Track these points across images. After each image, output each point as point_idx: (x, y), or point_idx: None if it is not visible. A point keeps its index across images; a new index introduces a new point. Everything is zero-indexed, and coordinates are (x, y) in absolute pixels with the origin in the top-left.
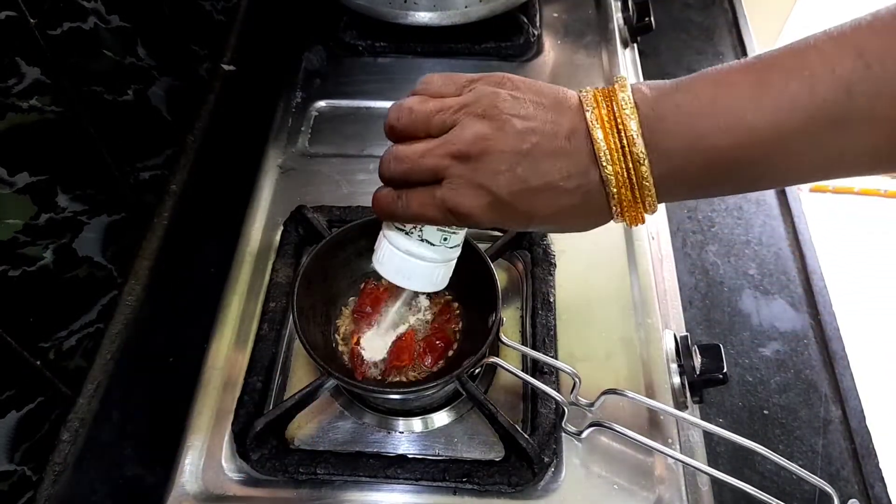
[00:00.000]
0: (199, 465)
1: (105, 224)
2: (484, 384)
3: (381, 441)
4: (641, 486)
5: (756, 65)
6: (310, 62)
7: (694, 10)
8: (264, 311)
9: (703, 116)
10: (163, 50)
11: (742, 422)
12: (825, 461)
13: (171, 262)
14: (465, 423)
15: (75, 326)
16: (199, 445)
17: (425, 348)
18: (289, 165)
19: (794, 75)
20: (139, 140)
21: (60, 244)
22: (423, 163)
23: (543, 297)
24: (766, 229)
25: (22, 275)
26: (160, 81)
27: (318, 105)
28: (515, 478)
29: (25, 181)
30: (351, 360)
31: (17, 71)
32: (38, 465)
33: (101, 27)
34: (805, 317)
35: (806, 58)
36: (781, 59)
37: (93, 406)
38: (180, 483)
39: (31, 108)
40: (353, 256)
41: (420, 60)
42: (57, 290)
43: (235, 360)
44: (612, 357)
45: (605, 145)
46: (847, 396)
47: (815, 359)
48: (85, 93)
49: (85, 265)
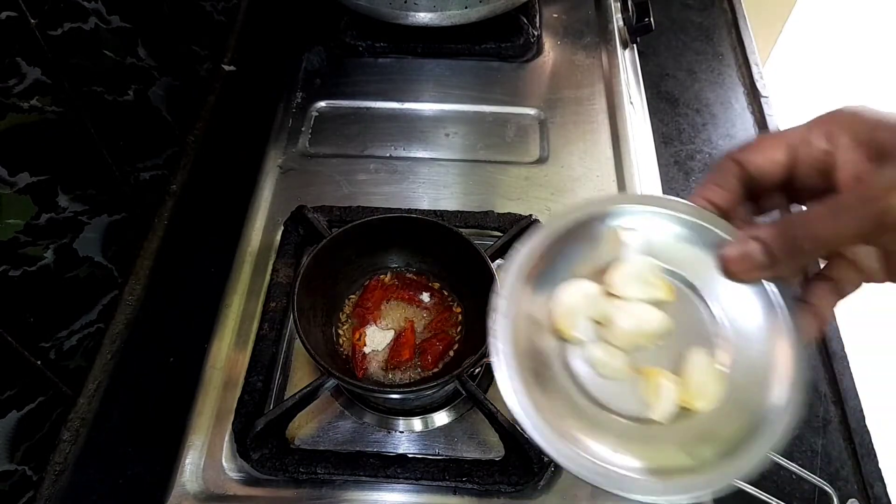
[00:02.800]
0: (199, 464)
1: (105, 224)
2: (484, 384)
3: (381, 440)
4: None
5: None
6: (310, 62)
7: (693, 11)
8: (265, 311)
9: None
10: (163, 50)
11: None
12: (824, 461)
13: (172, 262)
14: (466, 423)
15: (76, 326)
16: (199, 445)
17: (426, 348)
18: (289, 165)
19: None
20: (140, 140)
21: (61, 244)
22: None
23: None
24: None
25: (22, 275)
26: (160, 82)
27: (318, 105)
28: (515, 477)
29: (26, 181)
30: (351, 360)
31: (17, 71)
32: (38, 465)
33: (102, 27)
34: None
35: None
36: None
37: (93, 406)
38: (181, 482)
39: (32, 109)
40: (353, 256)
41: (420, 61)
42: (57, 290)
43: (236, 359)
44: None
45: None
46: (846, 396)
47: (815, 358)
48: (85, 93)
49: (85, 265)
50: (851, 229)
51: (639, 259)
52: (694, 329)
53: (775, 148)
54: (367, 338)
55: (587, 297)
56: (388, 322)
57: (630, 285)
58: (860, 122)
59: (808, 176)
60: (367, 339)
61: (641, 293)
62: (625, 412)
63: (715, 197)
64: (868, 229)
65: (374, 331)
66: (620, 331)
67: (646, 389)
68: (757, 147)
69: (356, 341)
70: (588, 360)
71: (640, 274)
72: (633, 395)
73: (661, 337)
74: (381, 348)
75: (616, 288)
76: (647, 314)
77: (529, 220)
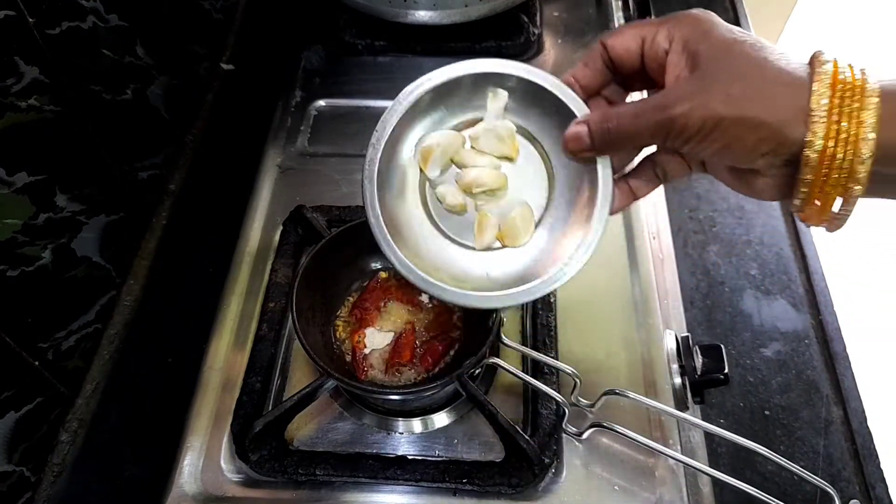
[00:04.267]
0: (198, 465)
1: (104, 224)
2: (484, 385)
3: (380, 442)
4: (642, 487)
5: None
6: (309, 61)
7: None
8: (263, 312)
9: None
10: (162, 49)
11: (743, 422)
12: (826, 462)
13: (170, 262)
14: (465, 424)
15: (74, 327)
16: (197, 446)
17: (426, 349)
18: (288, 165)
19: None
20: (138, 139)
21: (59, 244)
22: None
23: (544, 298)
24: (767, 229)
25: (20, 275)
26: (159, 81)
27: (317, 104)
28: (516, 479)
29: (24, 181)
30: (351, 361)
31: (15, 70)
32: (36, 466)
33: (100, 26)
34: (806, 317)
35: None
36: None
37: (91, 407)
38: (179, 484)
39: (30, 108)
40: (352, 256)
41: (420, 59)
42: (55, 291)
43: (234, 360)
44: (613, 357)
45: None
46: (848, 397)
47: (817, 359)
48: (84, 92)
49: (83, 265)
50: (645, 131)
51: (500, 120)
52: (530, 184)
53: (630, 38)
54: (367, 339)
55: (449, 145)
56: (388, 323)
57: (486, 141)
58: (695, 30)
59: (652, 69)
60: (367, 341)
61: (494, 149)
62: (458, 240)
63: (580, 75)
64: (656, 133)
65: (373, 332)
66: (467, 176)
67: (476, 225)
68: (619, 34)
69: (356, 342)
70: (437, 195)
71: (497, 132)
72: (467, 228)
73: (498, 188)
74: (381, 349)
75: (475, 141)
76: (489, 169)
77: None
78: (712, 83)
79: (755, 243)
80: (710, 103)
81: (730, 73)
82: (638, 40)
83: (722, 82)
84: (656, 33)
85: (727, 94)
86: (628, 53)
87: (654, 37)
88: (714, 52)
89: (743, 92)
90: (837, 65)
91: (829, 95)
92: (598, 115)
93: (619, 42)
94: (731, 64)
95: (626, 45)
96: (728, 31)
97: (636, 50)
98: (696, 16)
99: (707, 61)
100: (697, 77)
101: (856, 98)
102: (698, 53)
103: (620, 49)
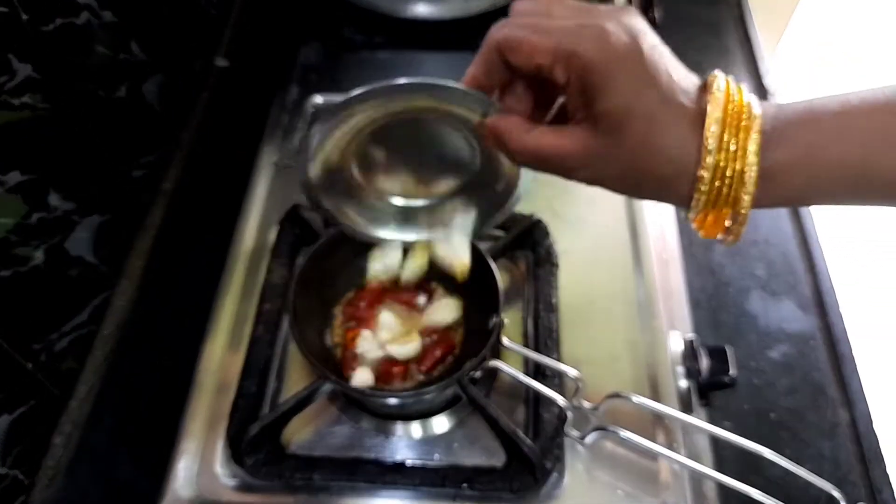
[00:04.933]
0: (192, 469)
1: (97, 223)
2: (485, 388)
3: (379, 446)
4: (646, 492)
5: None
6: (306, 57)
7: (700, 6)
8: (259, 313)
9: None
10: (156, 45)
11: (749, 425)
12: (832, 465)
13: (164, 263)
14: (466, 428)
15: (67, 328)
16: (192, 450)
17: (425, 352)
18: (284, 163)
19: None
20: (132, 137)
21: (52, 244)
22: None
23: (546, 299)
24: (773, 229)
25: (13, 275)
26: (153, 77)
27: (314, 101)
28: (517, 484)
29: (16, 180)
30: (349, 363)
31: (8, 67)
32: (30, 469)
33: (94, 22)
34: (813, 318)
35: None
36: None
37: (85, 409)
38: (174, 488)
39: (23, 106)
40: (350, 256)
41: (418, 55)
42: (48, 291)
43: (230, 362)
44: (617, 360)
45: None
46: (855, 399)
47: (823, 361)
48: (77, 89)
49: (77, 265)
50: (541, 167)
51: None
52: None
53: (525, 59)
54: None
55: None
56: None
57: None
58: (594, 74)
59: (553, 93)
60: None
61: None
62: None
63: (478, 74)
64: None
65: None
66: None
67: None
68: (516, 50)
69: (349, 342)
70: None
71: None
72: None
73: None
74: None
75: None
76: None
77: (531, 219)
78: (614, 149)
79: (761, 243)
80: (609, 170)
81: (632, 137)
82: (532, 67)
83: (624, 148)
84: (553, 67)
85: (629, 165)
86: (526, 70)
87: (550, 69)
88: (613, 107)
89: (646, 159)
90: (729, 91)
91: (719, 123)
92: (494, 122)
93: (513, 58)
94: (631, 125)
95: (522, 64)
96: (634, 65)
97: (533, 72)
98: (598, 50)
99: (607, 120)
100: (599, 139)
101: (742, 124)
102: (597, 113)
103: (516, 62)
